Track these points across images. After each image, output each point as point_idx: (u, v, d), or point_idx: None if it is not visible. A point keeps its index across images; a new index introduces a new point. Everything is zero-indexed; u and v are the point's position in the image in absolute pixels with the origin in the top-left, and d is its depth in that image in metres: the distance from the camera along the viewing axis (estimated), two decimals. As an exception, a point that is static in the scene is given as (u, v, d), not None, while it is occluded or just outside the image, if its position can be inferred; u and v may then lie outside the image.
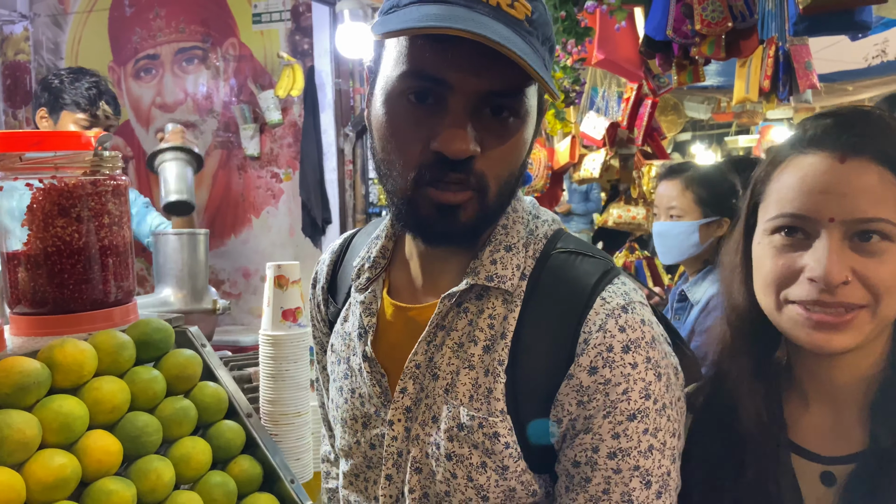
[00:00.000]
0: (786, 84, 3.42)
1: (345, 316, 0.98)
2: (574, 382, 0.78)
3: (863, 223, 0.76)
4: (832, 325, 0.77)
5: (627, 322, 0.78)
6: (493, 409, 0.80)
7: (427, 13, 0.72)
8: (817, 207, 0.78)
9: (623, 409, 0.76)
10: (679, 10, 2.85)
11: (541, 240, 0.87)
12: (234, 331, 4.49)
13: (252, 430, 1.17)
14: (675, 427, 0.80)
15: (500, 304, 0.83)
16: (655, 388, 0.78)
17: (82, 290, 1.11)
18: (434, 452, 0.84)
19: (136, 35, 4.95)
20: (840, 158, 0.77)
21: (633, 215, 4.38)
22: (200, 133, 4.84)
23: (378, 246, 0.94)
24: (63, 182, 1.09)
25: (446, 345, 0.84)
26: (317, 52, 4.44)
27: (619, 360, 0.77)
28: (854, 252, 0.77)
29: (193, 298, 1.86)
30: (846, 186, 0.76)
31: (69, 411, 0.96)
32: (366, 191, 4.47)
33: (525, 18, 0.75)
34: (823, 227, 0.77)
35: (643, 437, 0.77)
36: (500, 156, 0.78)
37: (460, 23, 0.69)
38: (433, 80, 0.74)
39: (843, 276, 0.76)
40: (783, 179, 0.82)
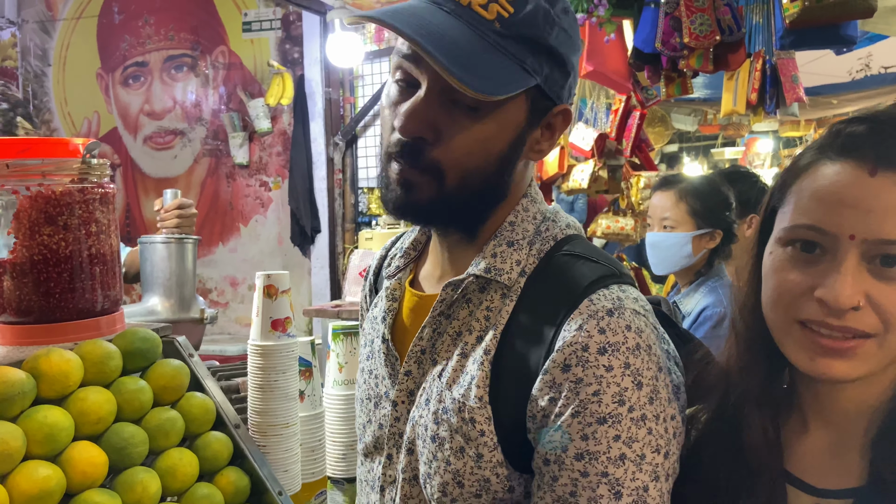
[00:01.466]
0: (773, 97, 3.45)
1: (376, 302, 1.02)
2: (547, 378, 0.77)
3: (887, 245, 0.68)
4: (835, 351, 0.71)
5: (609, 325, 0.77)
6: (473, 395, 0.81)
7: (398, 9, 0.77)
8: (838, 222, 0.70)
9: (593, 411, 0.75)
10: (668, 24, 2.87)
11: (548, 241, 0.87)
12: (221, 340, 4.47)
13: (240, 442, 1.16)
14: (659, 443, 0.77)
15: (499, 298, 0.85)
16: (632, 396, 0.75)
17: (68, 299, 1.09)
18: (422, 434, 0.86)
19: (124, 42, 4.94)
20: (871, 171, 0.69)
21: (622, 226, 4.39)
22: (189, 141, 4.82)
23: (411, 238, 1.01)
24: (50, 190, 1.08)
25: (447, 332, 0.87)
26: (307, 61, 4.44)
27: (594, 361, 0.75)
28: (872, 276, 0.69)
29: (181, 307, 1.83)
30: (873, 202, 0.68)
31: (54, 422, 0.95)
32: (355, 200, 4.46)
33: (497, 18, 0.77)
34: (842, 244, 0.70)
35: (613, 443, 0.75)
36: (460, 144, 0.80)
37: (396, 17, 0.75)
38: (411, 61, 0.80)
39: (854, 301, 0.69)
40: (805, 186, 0.74)
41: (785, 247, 0.75)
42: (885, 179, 0.69)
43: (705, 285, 2.03)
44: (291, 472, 1.29)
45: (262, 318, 1.26)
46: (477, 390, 0.81)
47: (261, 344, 1.25)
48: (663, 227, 2.08)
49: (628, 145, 4.28)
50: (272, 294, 1.27)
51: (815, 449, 0.80)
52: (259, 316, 1.27)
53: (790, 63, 3.46)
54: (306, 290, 4.53)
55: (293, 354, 1.29)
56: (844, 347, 0.71)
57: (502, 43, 0.77)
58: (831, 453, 0.78)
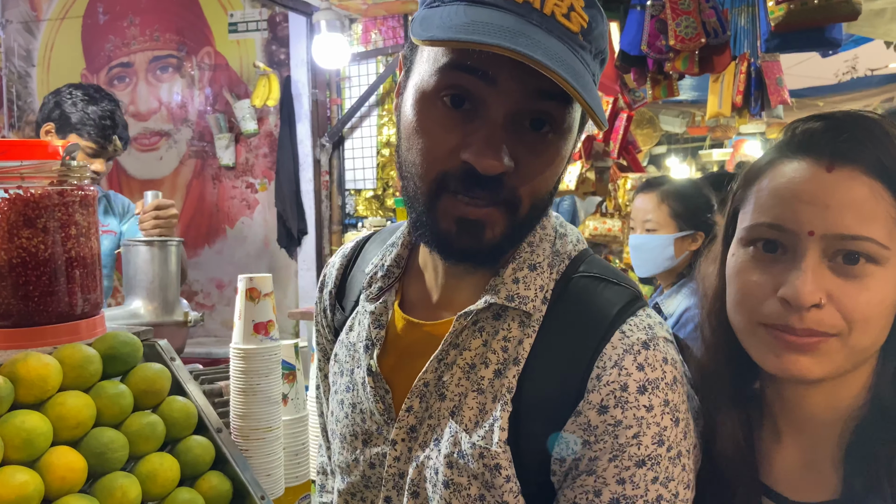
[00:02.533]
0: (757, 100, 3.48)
1: (350, 325, 0.93)
2: (581, 420, 0.72)
3: (845, 240, 0.68)
4: (799, 347, 0.70)
5: (647, 360, 0.72)
6: (496, 439, 0.74)
7: (475, 20, 0.66)
8: (796, 218, 0.69)
9: (632, 454, 0.70)
10: (653, 26, 2.88)
11: (564, 260, 0.81)
12: (207, 342, 4.44)
13: (222, 446, 1.15)
14: (689, 478, 0.74)
15: (517, 327, 0.78)
16: (671, 435, 0.71)
17: (47, 303, 1.08)
18: (432, 478, 0.79)
19: (109, 43, 4.90)
20: (827, 167, 0.69)
21: (609, 227, 4.41)
22: (174, 142, 4.79)
23: (393, 254, 0.89)
24: (29, 192, 1.07)
25: (457, 364, 0.79)
26: (293, 63, 4.43)
27: (634, 402, 0.71)
28: (833, 273, 0.69)
29: (164, 310, 1.82)
30: (830, 198, 0.68)
31: (32, 427, 0.94)
32: (342, 202, 4.45)
33: (580, 31, 0.70)
34: (802, 240, 0.69)
35: (651, 485, 0.70)
36: (536, 172, 0.73)
37: (510, 39, 0.64)
38: (477, 75, 0.68)
39: (815, 298, 0.68)
40: (764, 185, 0.73)
41: (746, 247, 0.74)
42: (841, 174, 0.68)
43: (687, 287, 2.05)
44: (274, 476, 1.28)
45: (244, 321, 1.25)
46: (501, 433, 0.74)
47: (243, 347, 1.25)
48: (646, 229, 2.09)
49: (615, 147, 4.30)
50: (254, 297, 1.26)
51: (790, 459, 0.78)
52: (241, 319, 1.26)
53: (775, 66, 3.48)
54: (293, 292, 4.52)
55: (276, 358, 1.28)
56: (808, 343, 0.69)
57: (584, 56, 0.71)
58: (805, 464, 0.76)
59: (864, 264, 0.68)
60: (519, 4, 0.67)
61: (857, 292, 0.68)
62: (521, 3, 0.67)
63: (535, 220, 0.78)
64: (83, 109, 2.25)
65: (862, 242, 0.67)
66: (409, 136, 0.74)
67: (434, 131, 0.72)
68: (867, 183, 0.68)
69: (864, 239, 0.67)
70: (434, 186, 0.73)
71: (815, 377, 0.71)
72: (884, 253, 0.68)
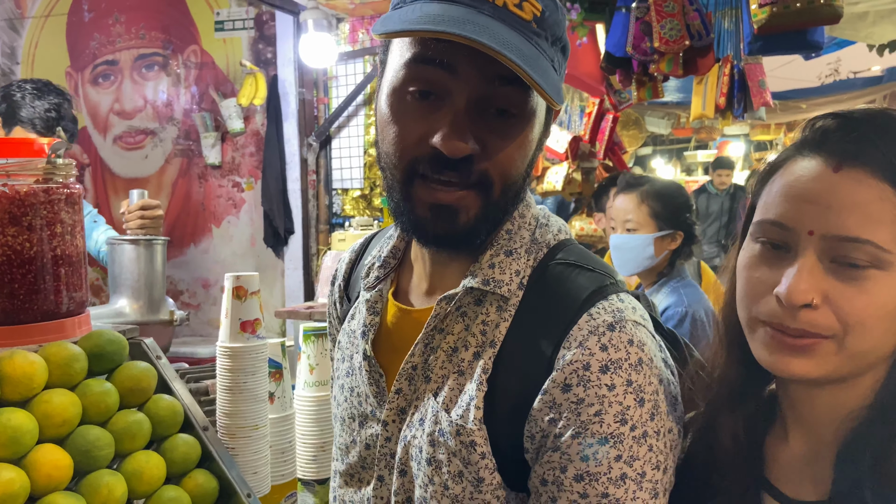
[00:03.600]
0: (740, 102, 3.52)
1: (352, 314, 0.97)
2: (547, 398, 0.75)
3: (845, 242, 0.66)
4: (794, 349, 0.69)
5: (611, 341, 0.74)
6: (472, 417, 0.78)
7: (428, 13, 0.70)
8: (798, 217, 0.69)
9: (595, 432, 0.72)
10: (638, 28, 2.91)
11: (542, 248, 0.84)
12: (192, 342, 4.42)
13: (208, 444, 1.16)
14: (659, 459, 0.75)
15: (495, 311, 0.81)
16: (635, 414, 0.73)
17: (33, 301, 1.08)
18: (417, 456, 0.82)
19: (94, 41, 4.87)
20: (835, 166, 0.68)
21: (595, 228, 4.43)
22: (160, 141, 4.77)
23: (390, 246, 0.94)
24: (14, 190, 1.07)
25: (441, 348, 0.83)
26: (280, 62, 4.42)
27: (596, 380, 0.73)
28: (831, 274, 0.67)
29: (150, 309, 1.82)
30: (833, 198, 0.67)
31: (18, 425, 0.94)
32: (329, 201, 4.45)
33: (533, 19, 0.73)
34: (801, 239, 0.69)
35: (615, 463, 0.72)
36: (504, 154, 0.76)
37: (458, 26, 0.68)
38: (438, 65, 0.73)
39: (807, 297, 0.67)
40: (776, 182, 0.73)
41: (755, 243, 0.74)
42: (848, 175, 0.67)
43: (667, 286, 2.07)
44: (261, 474, 1.29)
45: (230, 319, 1.26)
46: (476, 412, 0.78)
47: (229, 346, 1.25)
48: (626, 228, 2.12)
49: (601, 148, 4.33)
50: (241, 295, 1.26)
51: (794, 457, 0.78)
52: (228, 317, 1.26)
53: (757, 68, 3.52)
54: (279, 291, 4.51)
55: (262, 356, 1.29)
56: (801, 345, 0.69)
57: (539, 43, 0.74)
58: (807, 462, 0.76)
59: (865, 269, 0.66)
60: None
61: (855, 295, 0.67)
62: None
63: (509, 204, 0.81)
64: (31, 103, 2.24)
65: (862, 245, 0.66)
66: (383, 128, 0.79)
67: (404, 122, 0.76)
68: (874, 185, 0.66)
69: (865, 242, 0.66)
70: (407, 173, 0.77)
71: (810, 378, 0.71)
72: (886, 257, 0.66)
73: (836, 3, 2.53)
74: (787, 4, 2.55)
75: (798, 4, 2.54)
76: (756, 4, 2.62)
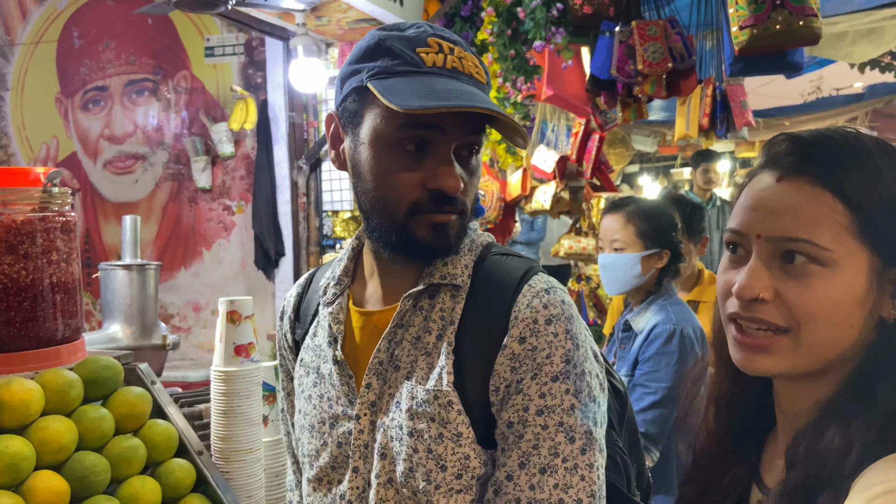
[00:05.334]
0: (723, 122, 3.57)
1: (314, 332, 1.08)
2: (507, 352, 0.91)
3: (785, 242, 0.75)
4: (754, 347, 0.77)
5: (550, 301, 0.92)
6: (445, 381, 0.92)
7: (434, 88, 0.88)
8: (749, 223, 0.79)
9: (548, 371, 0.89)
10: (622, 51, 2.96)
11: (478, 247, 1.02)
12: (183, 366, 4.41)
13: (203, 468, 1.17)
14: (595, 394, 0.91)
15: (449, 299, 0.97)
16: (575, 356, 0.90)
17: (29, 328, 1.10)
18: (397, 434, 0.94)
19: (84, 67, 4.89)
20: (778, 177, 0.78)
21: (584, 246, 4.46)
22: (150, 165, 4.78)
23: (342, 266, 1.07)
24: (10, 219, 1.09)
25: (405, 339, 0.97)
26: (270, 86, 4.45)
27: (543, 330, 0.90)
28: (779, 272, 0.76)
29: (143, 334, 1.83)
30: (776, 204, 0.77)
31: (15, 451, 0.95)
32: (319, 223, 4.47)
33: (484, 80, 0.96)
34: (753, 243, 0.78)
35: (565, 396, 0.89)
36: (473, 187, 0.98)
37: (467, 99, 0.88)
38: (432, 128, 0.90)
39: (756, 293, 0.75)
40: (740, 197, 0.83)
41: (726, 250, 0.84)
42: (788, 184, 0.77)
43: (655, 304, 2.09)
44: (255, 497, 1.30)
45: (225, 343, 1.27)
46: (448, 377, 0.92)
47: (224, 370, 1.26)
48: (613, 248, 2.14)
49: (588, 167, 4.37)
50: (235, 320, 1.28)
51: (778, 448, 0.85)
52: (222, 342, 1.28)
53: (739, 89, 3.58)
54: (270, 313, 4.51)
55: (256, 380, 1.30)
56: (761, 344, 0.77)
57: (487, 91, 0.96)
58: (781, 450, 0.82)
59: (805, 264, 0.74)
60: (450, 70, 0.92)
61: (801, 290, 0.74)
62: (451, 69, 0.92)
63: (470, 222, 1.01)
64: None
65: (800, 244, 0.74)
66: (373, 177, 0.94)
67: (399, 172, 0.92)
68: (812, 192, 0.75)
69: (802, 241, 0.74)
70: (407, 213, 0.93)
71: (772, 373, 0.79)
72: (825, 255, 0.73)
73: (815, 25, 2.59)
74: (767, 27, 2.61)
75: (778, 27, 2.60)
76: (737, 27, 2.68)
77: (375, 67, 0.92)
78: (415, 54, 0.90)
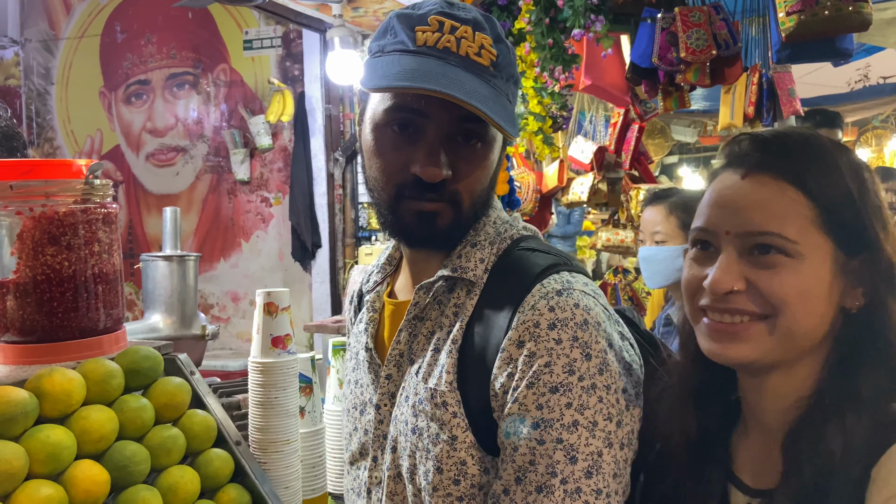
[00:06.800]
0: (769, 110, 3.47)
1: (360, 318, 1.08)
2: (505, 356, 0.84)
3: (755, 236, 0.77)
4: (727, 335, 0.79)
5: (559, 304, 0.84)
6: (444, 381, 0.88)
7: (406, 68, 0.85)
8: (717, 221, 0.81)
9: (546, 381, 0.81)
10: (664, 38, 2.89)
11: (506, 240, 0.95)
12: (223, 355, 4.47)
13: (241, 459, 1.17)
14: (611, 412, 0.82)
15: (464, 294, 0.93)
16: (582, 367, 0.81)
17: (71, 319, 1.11)
18: (403, 429, 0.92)
19: (127, 61, 4.98)
20: (742, 174, 0.80)
21: (622, 238, 4.40)
22: (191, 158, 4.85)
23: (386, 255, 1.09)
24: (53, 210, 1.10)
25: (422, 333, 0.94)
26: (307, 78, 4.47)
27: (545, 336, 0.82)
28: (750, 263, 0.78)
29: (182, 324, 1.84)
30: (743, 200, 0.79)
31: (57, 441, 0.96)
32: (355, 215, 4.48)
33: (490, 63, 0.88)
34: (721, 239, 0.80)
35: (566, 410, 0.80)
36: (472, 175, 0.91)
37: (432, 81, 0.83)
38: (414, 112, 0.88)
39: (730, 285, 0.77)
40: (705, 195, 0.85)
41: (691, 248, 0.86)
42: (753, 180, 0.79)
43: None
44: (292, 488, 1.30)
45: (262, 335, 1.27)
46: (447, 376, 0.88)
47: (261, 361, 1.26)
48: (655, 241, 2.09)
49: (627, 158, 4.30)
50: (272, 311, 1.28)
51: (751, 448, 0.85)
52: (259, 333, 1.28)
53: (786, 76, 3.48)
54: (307, 305, 4.54)
55: (293, 371, 1.30)
56: (733, 331, 0.78)
57: (496, 83, 0.89)
58: (763, 452, 0.83)
59: (774, 255, 0.76)
60: (440, 50, 0.86)
61: (772, 278, 0.76)
62: (441, 49, 0.86)
63: (477, 211, 0.95)
64: None
65: (768, 237, 0.76)
66: (369, 158, 0.94)
67: (387, 153, 0.91)
68: (776, 186, 0.78)
69: (771, 234, 0.76)
70: (393, 195, 0.91)
71: (747, 361, 0.79)
72: (792, 247, 0.76)
73: (865, 10, 2.50)
74: (816, 12, 2.52)
75: (826, 12, 2.51)
76: (784, 12, 2.60)
77: (377, 46, 0.92)
78: (411, 32, 0.87)
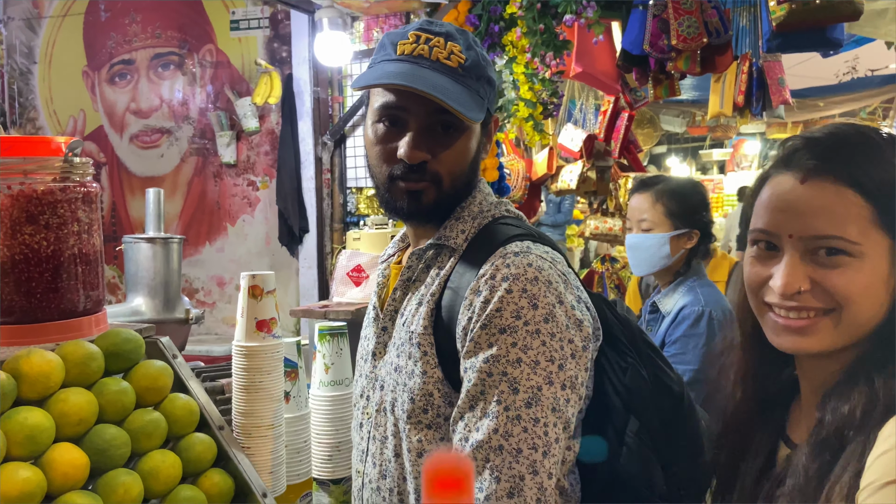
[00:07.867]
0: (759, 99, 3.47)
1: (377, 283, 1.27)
2: (466, 303, 1.00)
3: (818, 240, 0.82)
4: (794, 330, 0.84)
5: (513, 262, 1.00)
6: (420, 325, 1.05)
7: (387, 71, 1.05)
8: (779, 224, 0.85)
9: (496, 324, 0.96)
10: (655, 26, 2.88)
11: (487, 217, 1.12)
12: (208, 340, 4.44)
13: (224, 443, 1.16)
14: (553, 356, 0.96)
15: (447, 259, 1.10)
16: (528, 314, 0.96)
17: (50, 300, 1.08)
18: (388, 369, 1.10)
19: (111, 40, 4.90)
20: (801, 179, 0.84)
21: (610, 226, 4.41)
22: (176, 140, 4.79)
23: (401, 233, 1.26)
24: (32, 188, 1.07)
25: (412, 291, 1.12)
26: (295, 60, 4.42)
27: (498, 286, 0.98)
28: (814, 264, 0.83)
29: (166, 308, 1.82)
30: (804, 206, 0.83)
31: (35, 423, 0.94)
32: (343, 200, 4.44)
33: (459, 66, 1.06)
34: (784, 241, 0.85)
35: (511, 348, 0.95)
36: (450, 158, 1.08)
37: (404, 79, 1.02)
38: (397, 108, 1.06)
39: (796, 287, 0.83)
40: (762, 196, 0.89)
41: (752, 246, 0.91)
42: (813, 185, 0.83)
43: (684, 285, 2.04)
44: (276, 473, 1.29)
45: (246, 318, 1.25)
46: (423, 321, 1.05)
47: (245, 345, 1.25)
48: (641, 228, 2.09)
49: (616, 146, 4.30)
50: (257, 294, 1.26)
51: (804, 411, 0.93)
52: (244, 316, 1.26)
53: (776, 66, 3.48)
54: (294, 290, 4.51)
55: (278, 355, 1.28)
56: (800, 326, 0.84)
57: (465, 81, 1.06)
58: (810, 413, 0.89)
59: (838, 256, 0.82)
60: (415, 57, 1.05)
61: (837, 276, 0.81)
62: (416, 56, 1.06)
63: (460, 191, 1.11)
64: None
65: (832, 240, 0.81)
66: (370, 147, 1.12)
67: (381, 143, 1.09)
68: (836, 190, 0.82)
69: (834, 238, 0.81)
70: (387, 177, 1.09)
71: (811, 351, 0.85)
72: (854, 248, 0.81)
73: (856, 0, 2.50)
74: (807, 1, 2.52)
75: (817, 1, 2.51)
76: (774, 1, 2.59)
77: (371, 61, 1.11)
78: (394, 46, 1.07)
